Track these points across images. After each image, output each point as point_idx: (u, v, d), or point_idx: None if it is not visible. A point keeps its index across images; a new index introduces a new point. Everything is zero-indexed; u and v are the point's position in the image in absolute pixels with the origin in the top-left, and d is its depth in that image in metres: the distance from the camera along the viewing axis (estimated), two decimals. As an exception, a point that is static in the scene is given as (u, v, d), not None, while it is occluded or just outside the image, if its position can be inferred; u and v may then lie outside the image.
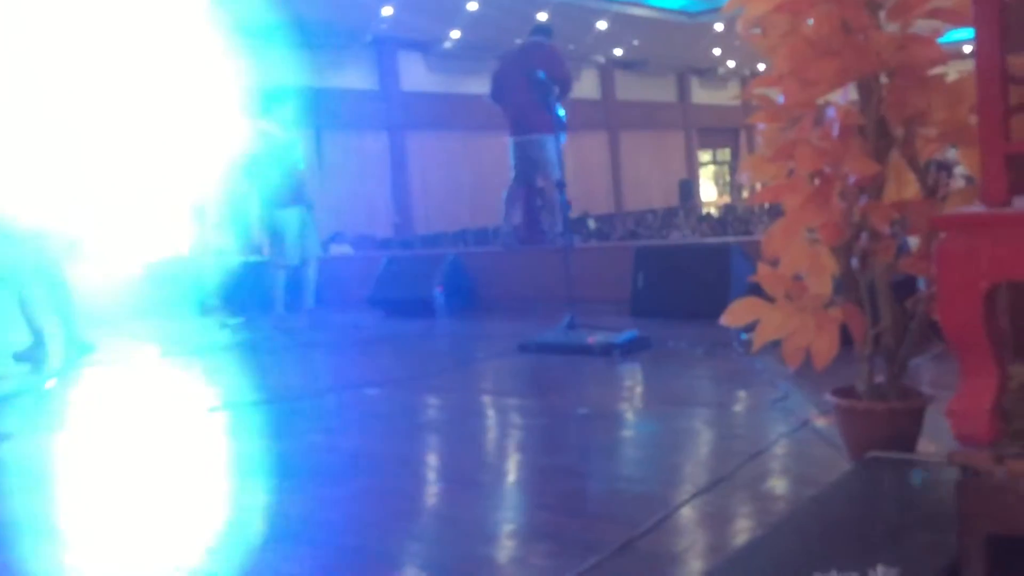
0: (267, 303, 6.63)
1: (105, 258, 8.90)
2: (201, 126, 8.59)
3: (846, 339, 2.60)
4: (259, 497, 2.94)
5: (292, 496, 2.90)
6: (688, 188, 24.95)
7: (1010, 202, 1.43)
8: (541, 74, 6.01)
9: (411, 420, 3.89)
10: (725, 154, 28.58)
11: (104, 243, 9.39)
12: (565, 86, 6.82)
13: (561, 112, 6.29)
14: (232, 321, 7.25)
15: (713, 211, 22.27)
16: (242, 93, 7.54)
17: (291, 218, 6.54)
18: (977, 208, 1.49)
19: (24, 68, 7.22)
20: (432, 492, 2.97)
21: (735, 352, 4.49)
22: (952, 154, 2.90)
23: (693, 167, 26.03)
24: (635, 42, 19.79)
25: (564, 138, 6.21)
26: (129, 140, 9.13)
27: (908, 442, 2.53)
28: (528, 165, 7.24)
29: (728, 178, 28.51)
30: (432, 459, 3.44)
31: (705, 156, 27.74)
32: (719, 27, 17.49)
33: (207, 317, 7.75)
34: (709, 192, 28.00)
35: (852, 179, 2.55)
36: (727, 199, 26.54)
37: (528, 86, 6.27)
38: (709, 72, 25.35)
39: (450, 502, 2.79)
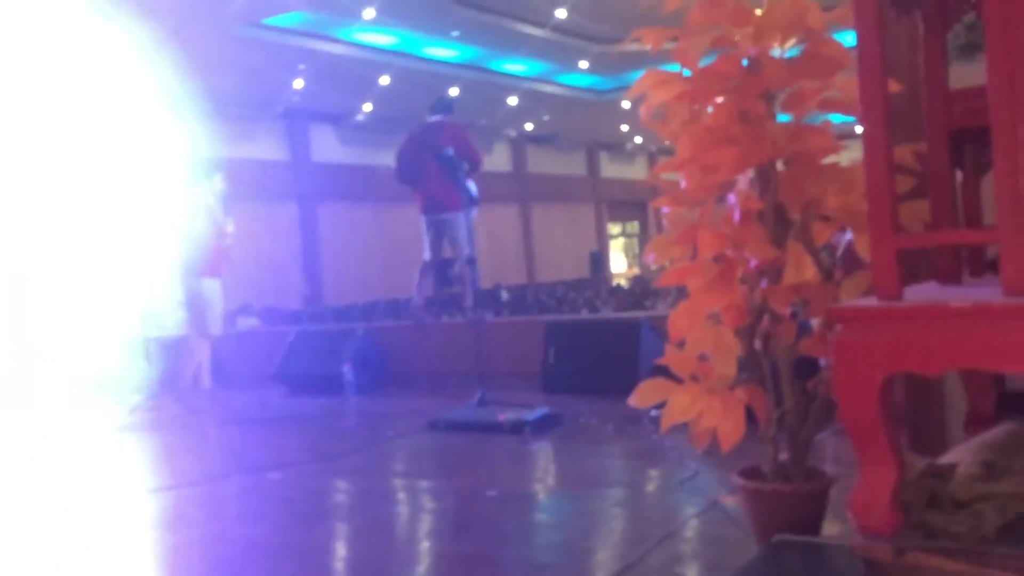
0: (172, 378, 6.41)
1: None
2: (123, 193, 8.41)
3: (752, 416, 2.62)
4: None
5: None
6: (599, 260, 25.37)
7: (902, 295, 1.46)
8: (449, 151, 6.02)
9: (315, 506, 3.74)
10: (634, 227, 29.23)
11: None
12: (474, 162, 6.79)
13: (472, 188, 6.32)
14: (134, 400, 6.95)
15: (623, 282, 22.65)
16: (164, 160, 7.43)
17: (216, 288, 6.44)
18: (870, 301, 1.51)
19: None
20: (335, 585, 2.85)
21: (645, 428, 4.49)
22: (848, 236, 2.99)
23: (603, 239, 26.52)
24: (545, 117, 20.23)
25: (475, 212, 6.22)
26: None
27: (814, 523, 2.54)
28: (441, 241, 7.15)
29: (637, 250, 29.13)
30: (336, 549, 3.31)
31: (615, 228, 28.32)
32: (626, 104, 18.03)
33: (105, 395, 7.41)
34: (619, 264, 28.52)
35: (753, 263, 2.60)
36: (636, 271, 27.05)
37: (437, 164, 6.24)
38: (618, 147, 26.05)
39: (353, 596, 2.67)
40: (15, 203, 8.86)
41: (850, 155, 2.55)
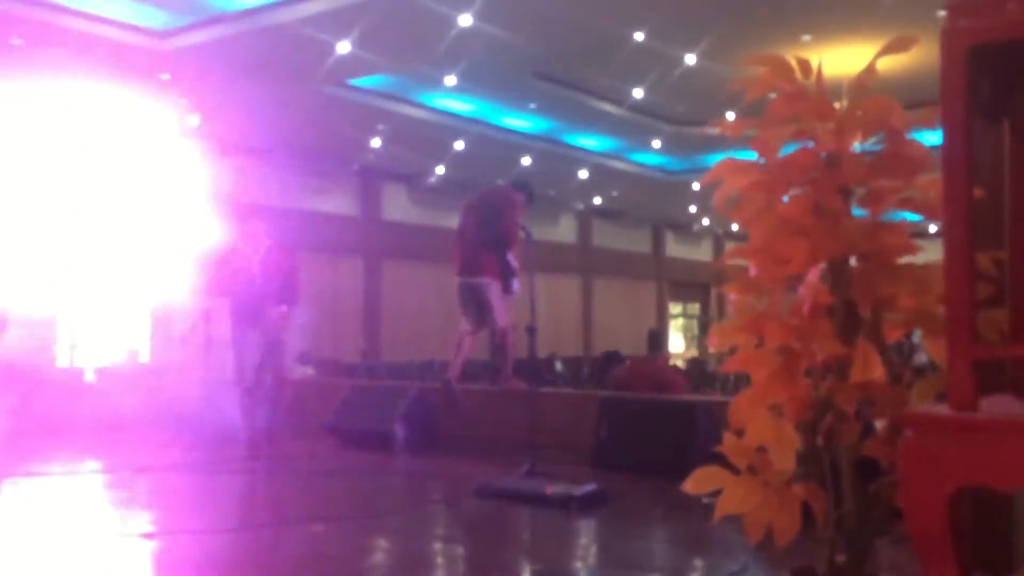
0: (222, 423, 6.46)
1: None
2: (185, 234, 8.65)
3: (809, 514, 2.54)
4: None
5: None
6: (657, 338, 25.13)
7: (976, 406, 1.43)
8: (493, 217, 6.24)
9: (355, 564, 3.72)
10: (695, 308, 29.00)
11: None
12: (502, 233, 6.54)
13: (510, 259, 6.31)
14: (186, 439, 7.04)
15: (680, 363, 22.39)
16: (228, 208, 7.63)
17: (254, 335, 6.44)
18: (944, 409, 1.48)
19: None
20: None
21: (695, 515, 4.39)
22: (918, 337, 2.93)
23: (663, 318, 26.33)
24: (614, 192, 20.35)
25: (516, 285, 6.25)
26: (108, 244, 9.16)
27: (868, 634, 2.44)
28: (473, 308, 6.89)
29: (696, 332, 28.82)
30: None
31: (675, 308, 28.13)
32: (696, 186, 18.07)
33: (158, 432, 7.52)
34: (677, 344, 28.24)
35: (820, 357, 2.56)
36: (695, 352, 26.74)
37: (480, 226, 6.30)
38: (684, 228, 26.02)
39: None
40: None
41: (924, 256, 2.51)
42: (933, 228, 1.92)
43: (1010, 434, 1.37)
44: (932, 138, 2.19)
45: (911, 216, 2.70)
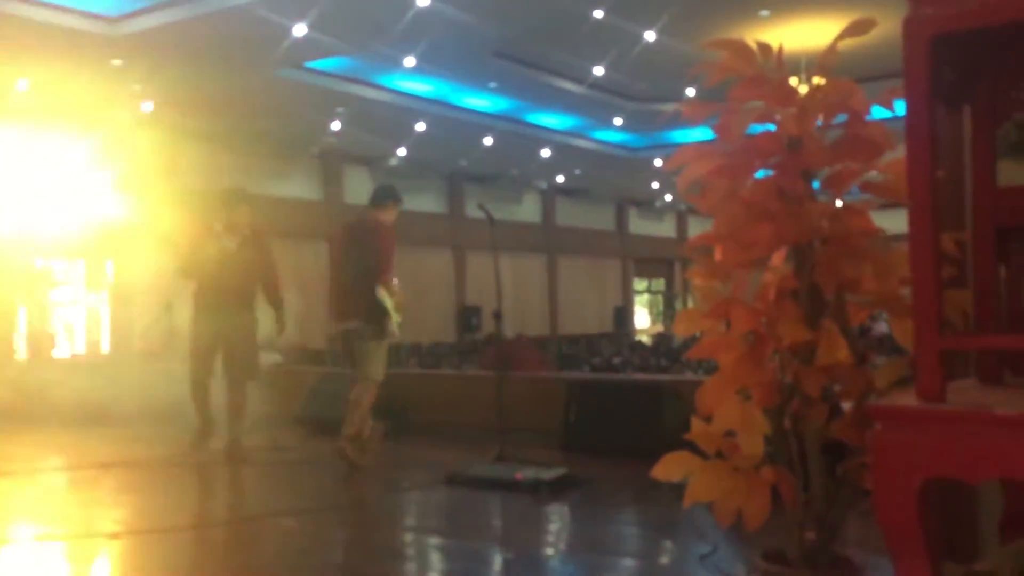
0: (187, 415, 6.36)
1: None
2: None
3: (778, 494, 2.56)
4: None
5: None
6: (623, 315, 25.26)
7: (945, 398, 1.43)
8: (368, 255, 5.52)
9: (326, 557, 3.69)
10: (660, 284, 29.15)
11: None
12: (376, 267, 5.56)
13: (384, 299, 5.46)
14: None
15: (646, 339, 22.52)
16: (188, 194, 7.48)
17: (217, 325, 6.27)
18: (911, 400, 1.48)
19: None
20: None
21: (665, 496, 4.41)
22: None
23: (628, 295, 26.45)
24: (577, 171, 20.32)
25: (393, 326, 5.52)
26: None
27: (838, 614, 2.47)
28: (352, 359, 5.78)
29: (662, 308, 29.00)
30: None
31: (640, 285, 28.25)
32: (659, 163, 18.10)
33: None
34: (643, 320, 28.40)
35: (785, 341, 2.56)
36: (660, 328, 26.91)
37: (351, 265, 5.60)
38: (647, 204, 26.09)
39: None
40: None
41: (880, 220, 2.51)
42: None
43: (978, 426, 1.38)
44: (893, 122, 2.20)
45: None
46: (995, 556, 1.74)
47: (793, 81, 2.56)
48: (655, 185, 22.77)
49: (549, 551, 3.86)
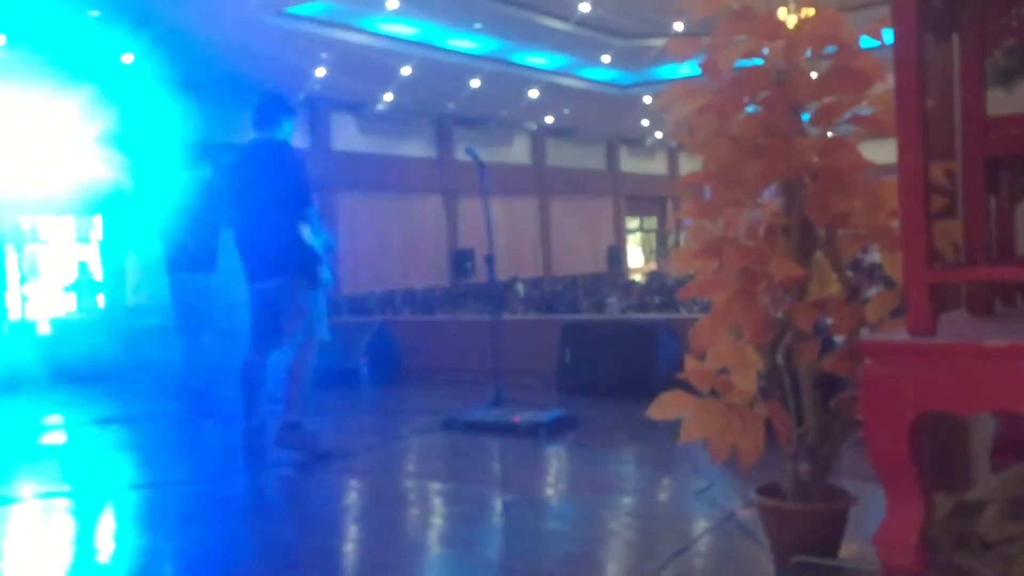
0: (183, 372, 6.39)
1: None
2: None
3: (772, 429, 2.58)
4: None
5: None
6: (616, 254, 25.27)
7: (935, 331, 1.43)
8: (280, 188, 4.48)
9: (328, 507, 3.73)
10: (652, 222, 29.10)
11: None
12: (295, 200, 4.52)
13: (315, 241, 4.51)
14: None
15: (639, 277, 22.56)
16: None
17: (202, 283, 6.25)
18: (902, 335, 1.48)
19: None
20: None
21: (660, 435, 4.45)
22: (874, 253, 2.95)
23: (621, 234, 26.41)
24: (566, 111, 20.12)
25: (328, 274, 4.58)
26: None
27: (832, 543, 2.51)
28: (271, 324, 4.54)
29: (655, 245, 29.00)
30: (347, 553, 3.29)
31: (633, 223, 28.19)
32: (648, 100, 17.91)
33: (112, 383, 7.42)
34: (636, 258, 28.42)
35: (777, 278, 2.56)
36: (654, 266, 26.96)
37: (256, 209, 4.47)
38: (638, 142, 25.91)
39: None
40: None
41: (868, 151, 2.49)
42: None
43: (969, 358, 1.38)
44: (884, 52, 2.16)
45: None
46: (986, 485, 1.76)
47: (780, 13, 2.52)
48: (645, 123, 22.59)
49: (549, 492, 3.90)
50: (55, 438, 5.79)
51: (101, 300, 10.72)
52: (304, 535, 3.34)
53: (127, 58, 11.38)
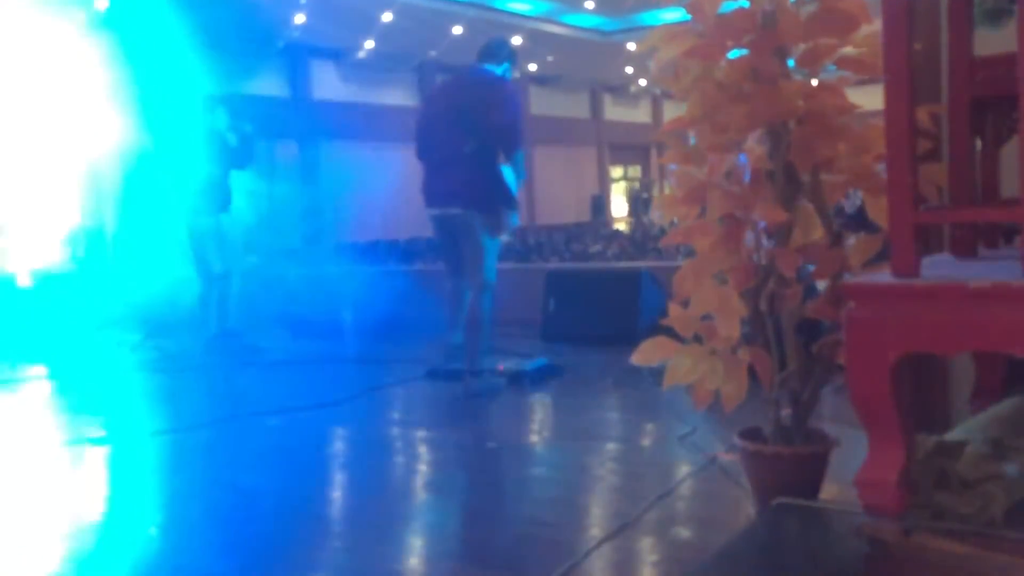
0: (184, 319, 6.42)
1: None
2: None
3: (754, 374, 2.60)
4: (147, 544, 2.78)
5: (181, 542, 2.75)
6: (600, 204, 25.23)
7: (919, 273, 1.42)
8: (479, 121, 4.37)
9: (313, 454, 3.75)
10: (636, 170, 29.02)
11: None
12: (507, 135, 4.45)
13: (511, 178, 4.45)
14: (132, 339, 6.95)
15: (623, 227, 22.56)
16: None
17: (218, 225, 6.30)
18: (885, 277, 1.48)
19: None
20: (333, 538, 2.85)
21: (644, 381, 4.49)
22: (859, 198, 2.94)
23: (605, 183, 26.33)
24: (549, 58, 19.91)
25: (516, 220, 4.53)
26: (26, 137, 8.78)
27: (813, 485, 2.54)
28: (454, 250, 4.68)
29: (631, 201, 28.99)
30: (334, 499, 3.32)
31: (617, 172, 28.11)
32: (632, 47, 17.74)
33: (103, 333, 7.39)
34: (620, 208, 28.39)
35: (761, 224, 2.56)
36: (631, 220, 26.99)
37: (459, 135, 4.38)
38: (621, 89, 25.72)
39: (351, 549, 2.68)
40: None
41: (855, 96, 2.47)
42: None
43: (952, 299, 1.38)
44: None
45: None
46: (966, 426, 1.78)
47: (767, -46, 2.47)
48: (629, 70, 22.42)
49: (534, 438, 3.93)
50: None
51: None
52: (287, 481, 3.35)
53: (100, 4, 11.14)
